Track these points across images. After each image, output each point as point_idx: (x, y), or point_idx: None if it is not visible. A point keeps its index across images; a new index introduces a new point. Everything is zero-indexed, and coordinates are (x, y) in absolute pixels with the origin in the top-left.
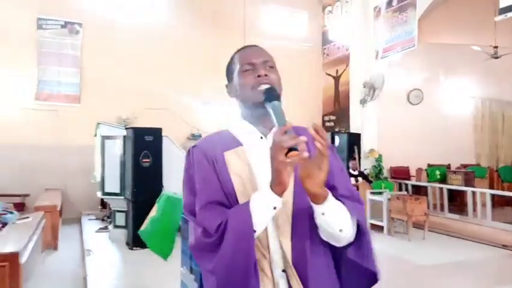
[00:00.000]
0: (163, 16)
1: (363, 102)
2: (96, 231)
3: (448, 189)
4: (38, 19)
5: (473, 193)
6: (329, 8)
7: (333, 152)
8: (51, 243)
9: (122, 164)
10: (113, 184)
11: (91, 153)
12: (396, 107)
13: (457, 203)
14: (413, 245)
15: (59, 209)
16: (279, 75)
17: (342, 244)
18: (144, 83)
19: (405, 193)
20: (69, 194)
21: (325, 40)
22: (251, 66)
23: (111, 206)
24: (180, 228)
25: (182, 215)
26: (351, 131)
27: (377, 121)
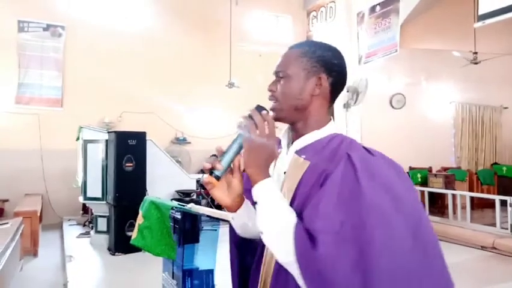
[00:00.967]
0: (148, 20)
1: (346, 106)
2: (77, 237)
3: (429, 192)
4: (19, 22)
5: (453, 196)
6: (314, 13)
7: (331, 179)
8: (31, 250)
9: (104, 168)
10: (95, 189)
11: (73, 158)
12: (379, 111)
13: (437, 205)
14: None
15: (39, 214)
16: (287, 85)
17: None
18: (128, 86)
19: None
20: (50, 199)
21: None
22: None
23: (93, 211)
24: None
25: (170, 215)
26: None
27: (360, 125)
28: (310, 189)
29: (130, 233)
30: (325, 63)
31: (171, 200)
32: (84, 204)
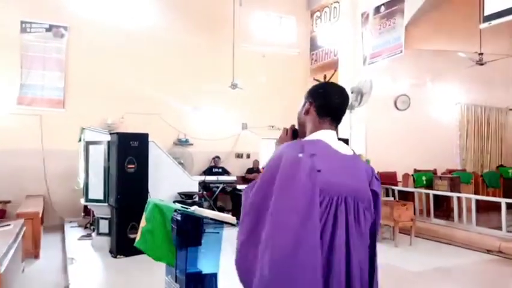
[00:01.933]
0: (151, 20)
1: (351, 107)
2: (79, 239)
3: (434, 195)
4: (21, 22)
5: (459, 198)
6: (317, 13)
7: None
8: (32, 252)
9: (106, 170)
10: (97, 190)
11: (75, 159)
12: (383, 113)
13: (442, 208)
14: (400, 251)
15: (41, 216)
16: (300, 110)
17: None
18: (130, 88)
19: (392, 199)
20: (52, 200)
21: (313, 45)
22: None
23: (95, 213)
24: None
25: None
26: (339, 136)
27: (364, 126)
28: None
29: (131, 236)
30: (311, 93)
31: (173, 202)
32: (86, 206)
